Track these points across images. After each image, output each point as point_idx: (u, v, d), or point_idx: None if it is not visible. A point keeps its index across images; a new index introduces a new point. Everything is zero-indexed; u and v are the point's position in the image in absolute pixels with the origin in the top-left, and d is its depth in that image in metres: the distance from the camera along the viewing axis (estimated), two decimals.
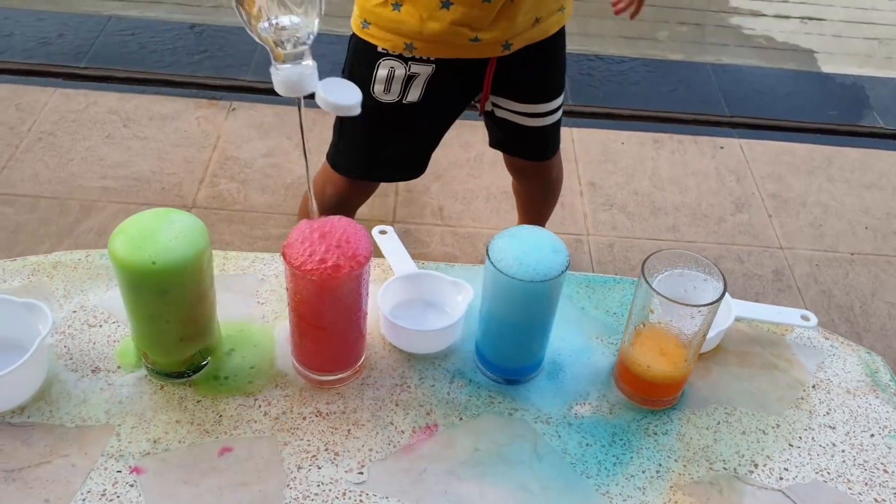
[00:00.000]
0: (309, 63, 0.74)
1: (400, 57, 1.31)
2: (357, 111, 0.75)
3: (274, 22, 0.72)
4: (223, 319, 0.88)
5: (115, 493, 0.74)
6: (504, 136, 1.58)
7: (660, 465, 0.81)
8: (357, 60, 1.36)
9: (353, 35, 1.35)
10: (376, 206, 2.22)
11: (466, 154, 2.42)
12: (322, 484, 0.76)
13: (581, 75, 2.89)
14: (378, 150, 1.45)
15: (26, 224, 2.06)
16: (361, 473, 0.77)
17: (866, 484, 0.81)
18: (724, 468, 0.81)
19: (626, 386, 0.87)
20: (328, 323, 0.80)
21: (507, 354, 0.86)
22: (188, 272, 0.76)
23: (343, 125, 1.45)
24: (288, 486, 0.76)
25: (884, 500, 0.80)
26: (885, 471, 0.82)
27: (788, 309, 0.95)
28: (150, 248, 0.74)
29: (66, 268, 0.95)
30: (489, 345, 0.86)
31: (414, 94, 1.34)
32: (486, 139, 1.64)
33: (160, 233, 0.75)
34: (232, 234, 2.10)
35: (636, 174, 2.45)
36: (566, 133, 2.56)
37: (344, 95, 0.74)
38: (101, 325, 0.89)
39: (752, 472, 0.81)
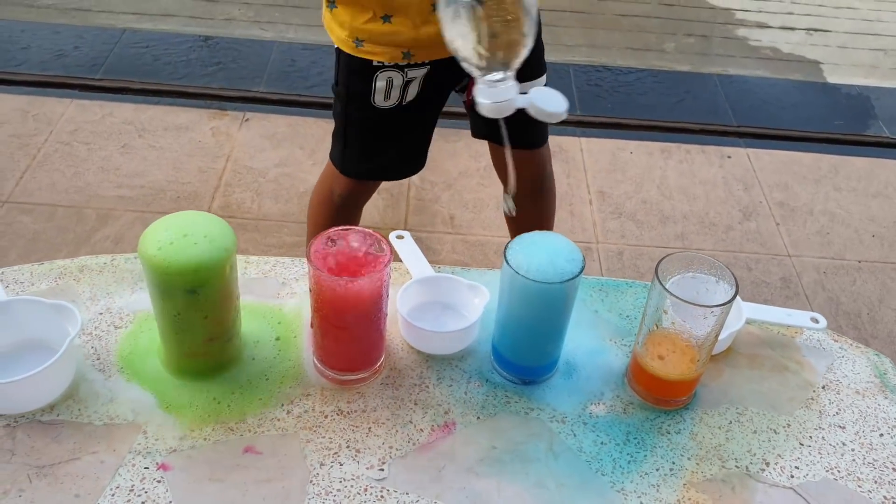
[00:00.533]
0: (515, 83, 0.82)
1: (396, 66, 1.32)
2: (564, 117, 0.83)
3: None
4: (246, 320, 0.91)
5: (143, 488, 0.76)
6: (488, 123, 1.59)
7: (673, 463, 0.83)
8: (354, 79, 1.37)
9: (344, 54, 1.35)
10: (388, 214, 2.25)
11: (476, 164, 2.44)
12: (344, 480, 0.78)
13: (589, 86, 2.91)
14: (382, 153, 1.50)
15: (44, 232, 2.09)
16: (382, 470, 0.79)
17: (876, 482, 0.82)
18: (737, 466, 0.83)
19: (639, 387, 0.89)
20: (349, 324, 0.82)
21: (524, 355, 0.88)
22: (216, 273, 0.78)
23: (346, 133, 1.48)
24: (311, 482, 0.78)
25: (893, 497, 0.81)
26: (895, 469, 0.84)
27: (798, 311, 0.96)
28: (179, 248, 0.76)
29: (92, 271, 0.98)
30: (506, 346, 0.88)
31: (411, 95, 1.37)
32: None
33: (189, 234, 0.78)
34: (246, 242, 2.12)
35: (645, 183, 2.47)
36: (575, 143, 2.59)
37: (553, 104, 0.83)
38: (126, 327, 0.91)
39: (763, 470, 0.83)
